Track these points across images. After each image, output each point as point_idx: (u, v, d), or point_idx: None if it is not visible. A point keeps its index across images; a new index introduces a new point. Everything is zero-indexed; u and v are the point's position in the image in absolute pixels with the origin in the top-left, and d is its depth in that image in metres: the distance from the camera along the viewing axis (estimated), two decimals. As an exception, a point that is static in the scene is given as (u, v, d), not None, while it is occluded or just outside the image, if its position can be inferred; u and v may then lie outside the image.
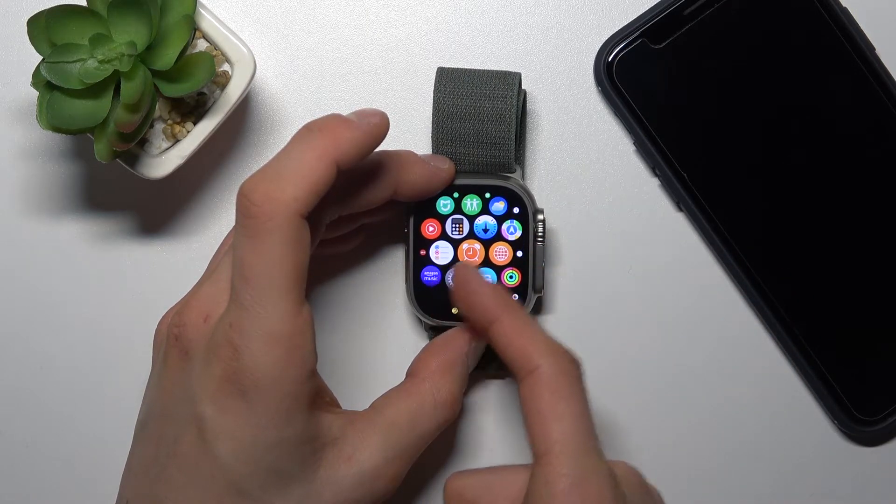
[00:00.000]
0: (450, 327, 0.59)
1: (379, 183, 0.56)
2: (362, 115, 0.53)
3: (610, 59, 0.61)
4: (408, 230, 0.59)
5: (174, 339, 0.53)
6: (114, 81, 0.56)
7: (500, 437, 0.62)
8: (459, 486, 0.53)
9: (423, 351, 0.58)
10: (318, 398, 0.53)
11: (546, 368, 0.52)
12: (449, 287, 0.58)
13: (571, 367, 0.52)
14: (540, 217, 0.59)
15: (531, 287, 0.59)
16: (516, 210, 0.59)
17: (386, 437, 0.54)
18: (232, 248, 0.52)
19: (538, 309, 0.62)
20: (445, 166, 0.59)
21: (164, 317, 0.56)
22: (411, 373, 0.57)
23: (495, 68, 0.61)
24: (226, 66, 0.59)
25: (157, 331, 0.56)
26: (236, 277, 0.51)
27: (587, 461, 0.50)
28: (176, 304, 0.56)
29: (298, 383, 0.51)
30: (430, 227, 0.59)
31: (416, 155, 0.58)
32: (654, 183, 0.62)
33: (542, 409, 0.51)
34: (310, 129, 0.52)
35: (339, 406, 0.56)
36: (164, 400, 0.53)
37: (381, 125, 0.53)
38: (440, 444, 0.58)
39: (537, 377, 0.52)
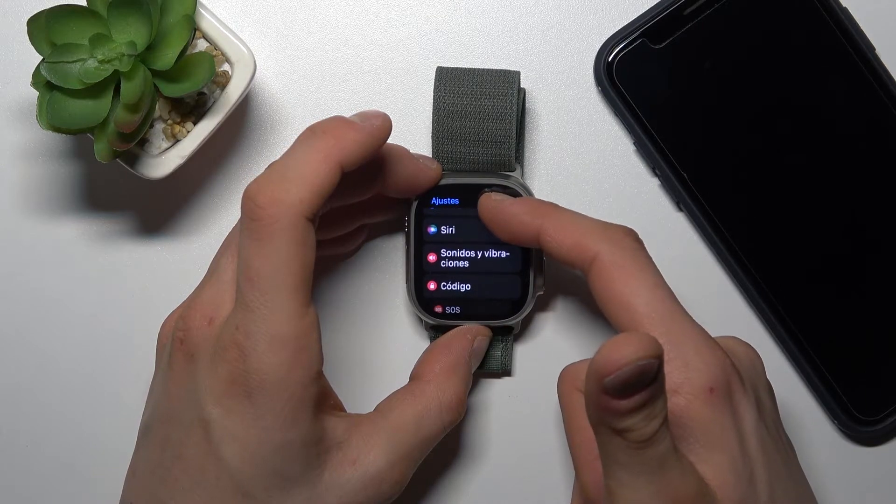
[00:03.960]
0: (451, 327, 0.59)
1: (368, 175, 0.56)
2: (365, 116, 0.53)
3: (610, 59, 0.61)
4: (408, 229, 0.59)
5: (179, 343, 0.53)
6: (114, 81, 0.56)
7: (503, 437, 0.62)
8: (573, 371, 0.54)
9: (426, 353, 0.58)
10: (323, 401, 0.53)
11: (605, 252, 0.52)
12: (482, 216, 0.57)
13: (629, 240, 0.53)
14: (540, 216, 0.59)
15: (531, 286, 0.59)
16: (516, 209, 0.59)
17: (391, 441, 0.54)
18: (238, 249, 0.52)
19: (538, 308, 0.62)
20: (434, 166, 0.59)
21: (166, 320, 0.56)
22: (415, 375, 0.58)
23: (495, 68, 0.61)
24: (226, 66, 0.59)
25: (160, 334, 0.56)
26: (242, 280, 0.51)
27: (680, 326, 0.51)
28: (178, 308, 0.56)
29: (304, 385, 0.51)
30: (430, 227, 0.59)
31: (406, 150, 0.58)
32: (654, 183, 0.62)
33: (615, 291, 0.52)
34: (313, 132, 0.52)
35: (343, 409, 0.56)
36: (169, 403, 0.53)
37: (383, 127, 0.53)
38: (444, 445, 0.58)
39: (599, 264, 0.52)
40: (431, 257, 0.59)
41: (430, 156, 0.60)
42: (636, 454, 0.47)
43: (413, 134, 0.62)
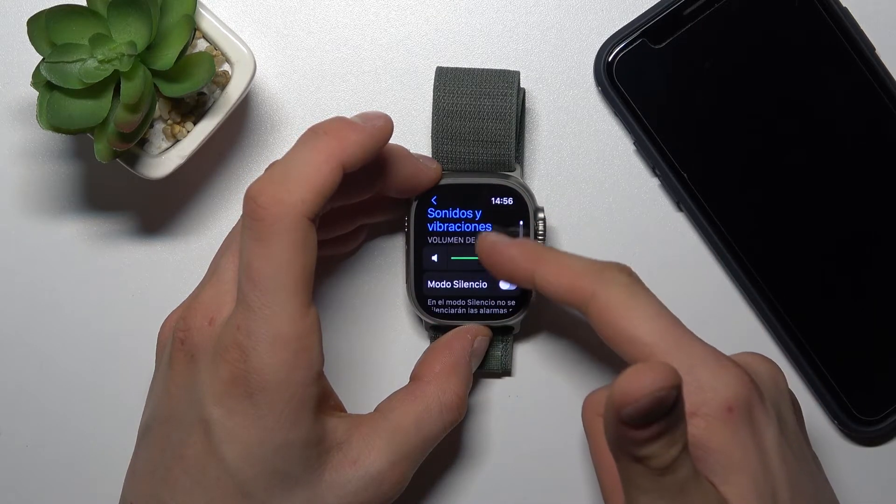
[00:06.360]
0: (451, 327, 0.59)
1: (368, 175, 0.56)
2: (366, 117, 0.53)
3: (610, 59, 0.61)
4: (408, 229, 0.59)
5: (179, 343, 0.53)
6: (114, 81, 0.56)
7: (503, 437, 0.62)
8: (595, 399, 0.54)
9: (427, 353, 0.58)
10: (323, 401, 0.53)
11: (600, 291, 0.52)
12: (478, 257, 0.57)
13: (622, 276, 0.53)
14: (540, 215, 0.59)
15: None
16: (517, 209, 0.59)
17: (391, 441, 0.54)
18: (238, 249, 0.52)
19: (538, 308, 0.62)
20: (433, 166, 0.59)
21: (166, 320, 0.56)
22: (415, 376, 0.58)
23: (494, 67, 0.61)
24: (226, 66, 0.59)
25: (160, 334, 0.56)
26: (243, 280, 0.51)
27: (689, 349, 0.51)
28: (178, 308, 0.56)
29: (305, 385, 0.51)
30: (430, 226, 0.59)
31: (406, 150, 0.58)
32: (654, 183, 0.62)
33: (616, 327, 0.52)
34: (315, 132, 0.52)
35: (344, 410, 0.56)
36: (169, 403, 0.53)
37: (384, 128, 0.53)
38: (444, 445, 0.58)
39: (596, 304, 0.52)
40: (431, 256, 0.59)
41: (430, 156, 0.60)
42: (657, 481, 0.47)
43: (413, 134, 0.62)
